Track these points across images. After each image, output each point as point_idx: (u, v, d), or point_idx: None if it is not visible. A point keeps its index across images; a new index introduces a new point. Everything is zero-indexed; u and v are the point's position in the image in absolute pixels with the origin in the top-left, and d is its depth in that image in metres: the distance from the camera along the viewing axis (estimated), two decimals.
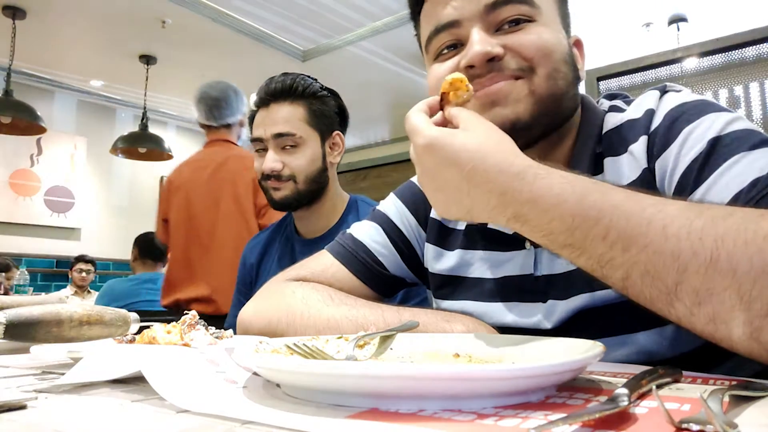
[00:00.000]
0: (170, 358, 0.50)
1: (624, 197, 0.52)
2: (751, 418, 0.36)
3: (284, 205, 1.47)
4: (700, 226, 0.47)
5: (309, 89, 1.47)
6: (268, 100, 1.46)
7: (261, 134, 1.45)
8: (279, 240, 1.61)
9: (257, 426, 0.36)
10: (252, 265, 1.62)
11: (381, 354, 0.61)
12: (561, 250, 0.55)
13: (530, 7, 0.71)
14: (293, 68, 5.40)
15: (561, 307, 0.74)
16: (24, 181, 5.45)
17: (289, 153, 1.44)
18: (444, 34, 0.74)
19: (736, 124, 0.64)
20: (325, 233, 1.49)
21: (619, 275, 0.51)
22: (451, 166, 0.57)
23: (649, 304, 0.51)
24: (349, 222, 1.46)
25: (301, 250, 1.51)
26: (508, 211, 0.56)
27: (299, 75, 1.48)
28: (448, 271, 0.88)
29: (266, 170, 1.43)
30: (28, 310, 0.69)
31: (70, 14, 4.26)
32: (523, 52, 0.70)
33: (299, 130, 1.44)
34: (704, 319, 0.47)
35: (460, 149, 0.57)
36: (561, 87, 0.71)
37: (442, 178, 0.59)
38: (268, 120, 1.44)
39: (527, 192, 0.54)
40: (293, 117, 1.44)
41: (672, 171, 0.66)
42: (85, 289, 4.95)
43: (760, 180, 0.57)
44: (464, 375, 0.37)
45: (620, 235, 0.50)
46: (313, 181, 1.46)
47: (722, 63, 2.54)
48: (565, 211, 0.53)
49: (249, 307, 0.92)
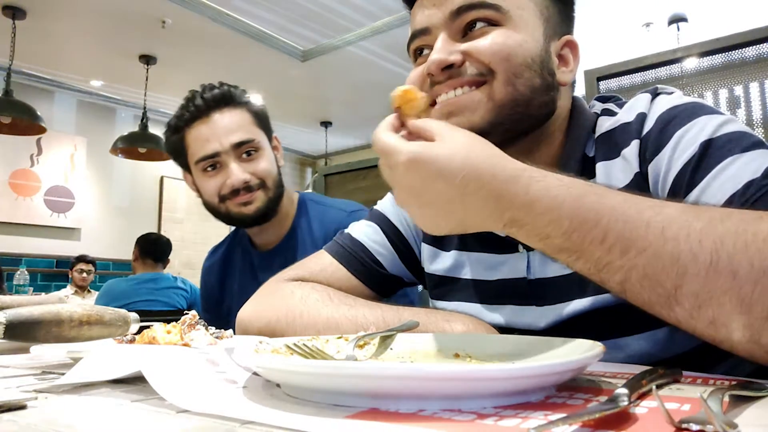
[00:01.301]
0: (170, 358, 0.50)
1: (621, 200, 0.52)
2: (751, 418, 0.36)
3: (258, 218, 1.34)
4: (698, 228, 0.47)
5: (242, 94, 1.37)
6: (207, 110, 1.30)
7: (216, 148, 1.29)
8: (236, 257, 1.51)
9: (257, 426, 0.36)
10: (213, 286, 1.53)
11: (381, 354, 0.61)
12: (558, 254, 0.55)
13: (495, 12, 0.70)
14: (293, 68, 5.43)
15: (554, 310, 0.74)
16: (24, 181, 5.45)
17: (249, 161, 1.32)
18: (417, 40, 0.76)
19: (729, 127, 0.63)
20: (281, 242, 1.41)
21: (617, 279, 0.51)
22: (439, 179, 0.54)
23: (648, 308, 0.51)
24: (302, 227, 1.40)
25: (260, 265, 1.43)
26: (504, 216, 0.55)
27: (221, 83, 1.35)
28: (443, 271, 0.88)
29: (237, 184, 1.28)
30: (28, 310, 0.69)
31: (69, 14, 4.26)
32: (479, 57, 0.69)
33: (255, 135, 1.33)
34: (704, 323, 0.47)
35: (446, 160, 0.54)
36: (522, 92, 0.70)
37: (431, 193, 0.56)
38: (218, 130, 1.29)
39: (523, 195, 0.53)
40: (245, 122, 1.33)
41: (665, 175, 0.66)
42: (85, 289, 4.95)
43: (753, 182, 0.57)
44: (464, 375, 0.37)
45: (618, 238, 0.50)
46: (280, 185, 1.37)
47: (722, 63, 2.53)
48: (562, 214, 0.52)
49: (248, 308, 0.92)
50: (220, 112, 1.31)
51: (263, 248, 1.45)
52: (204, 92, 1.32)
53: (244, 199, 1.30)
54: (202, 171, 1.33)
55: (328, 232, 1.36)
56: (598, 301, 0.70)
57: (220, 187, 1.31)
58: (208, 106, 1.31)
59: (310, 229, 1.40)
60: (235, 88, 1.36)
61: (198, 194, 1.40)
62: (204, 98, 1.31)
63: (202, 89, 1.34)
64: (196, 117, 1.31)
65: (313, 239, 1.38)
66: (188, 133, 1.33)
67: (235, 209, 1.32)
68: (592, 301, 0.70)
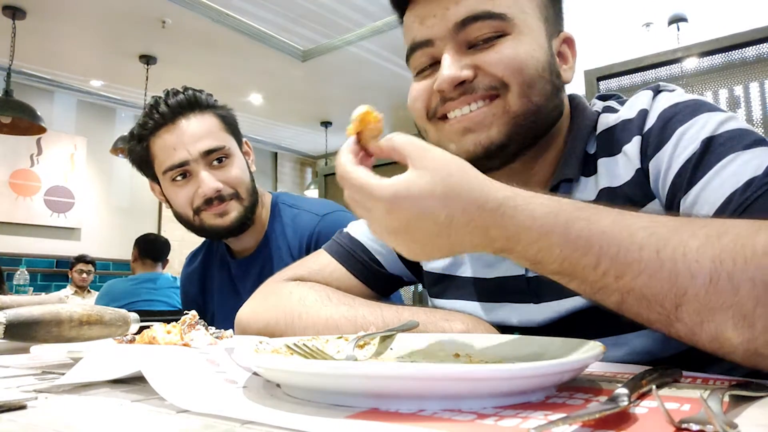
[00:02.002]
0: (170, 358, 0.50)
1: (611, 222, 0.50)
2: (751, 418, 0.36)
3: (234, 229, 1.27)
4: (695, 247, 0.46)
5: (209, 98, 1.29)
6: (173, 116, 1.23)
7: (184, 157, 1.21)
8: (214, 265, 1.46)
9: (257, 426, 0.36)
10: (195, 294, 1.49)
11: (381, 354, 0.61)
12: (552, 276, 0.54)
13: (502, 21, 0.69)
14: (293, 68, 5.43)
15: (553, 308, 0.74)
16: (24, 181, 5.45)
17: (220, 169, 1.25)
18: (419, 53, 0.74)
19: (730, 124, 0.63)
20: (257, 249, 1.37)
21: (614, 299, 0.50)
22: (423, 219, 0.51)
23: (648, 324, 0.50)
24: (276, 232, 1.36)
25: (237, 273, 1.40)
26: (495, 245, 0.53)
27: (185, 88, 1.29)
28: (441, 269, 0.88)
29: (209, 192, 1.22)
30: (28, 310, 0.69)
31: (70, 14, 4.26)
32: (492, 71, 0.69)
33: (225, 141, 1.26)
34: (707, 338, 0.47)
35: (427, 198, 0.50)
36: (536, 102, 0.70)
37: (416, 232, 0.52)
38: (185, 138, 1.22)
39: (511, 227, 0.51)
40: (213, 128, 1.25)
41: (666, 171, 0.66)
42: (85, 289, 4.95)
43: (754, 180, 0.57)
44: (464, 375, 0.37)
45: (612, 263, 0.49)
46: (254, 193, 1.30)
47: (722, 63, 2.53)
48: (552, 243, 0.50)
49: (246, 308, 0.91)
50: (186, 119, 1.24)
51: (240, 255, 1.41)
52: (168, 98, 1.25)
53: (219, 210, 1.24)
54: (171, 181, 1.26)
55: (302, 238, 1.32)
56: None
57: (192, 198, 1.24)
58: (174, 113, 1.23)
59: (284, 236, 1.36)
60: (201, 92, 1.29)
61: (167, 205, 1.34)
62: (168, 104, 1.23)
63: (165, 95, 1.26)
64: (161, 125, 1.24)
65: (288, 246, 1.34)
66: (153, 141, 1.25)
67: (209, 221, 1.25)
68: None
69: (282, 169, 8.09)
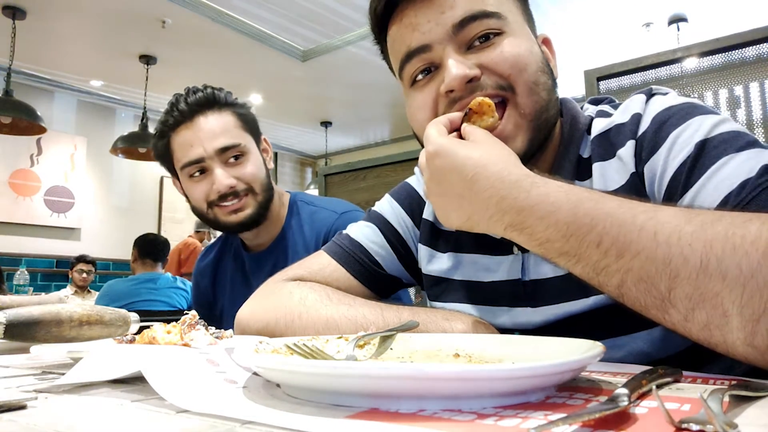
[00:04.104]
0: (170, 358, 0.50)
1: (616, 205, 0.53)
2: (751, 418, 0.36)
3: (248, 224, 1.31)
4: (689, 231, 0.48)
5: (228, 96, 1.32)
6: (191, 114, 1.27)
7: (200, 153, 1.26)
8: (228, 258, 1.49)
9: (257, 426, 0.36)
10: (206, 287, 1.52)
11: (381, 354, 0.61)
12: (558, 259, 0.56)
13: (497, 20, 0.70)
14: (293, 68, 5.43)
15: (549, 311, 0.74)
16: (24, 181, 5.46)
17: (235, 166, 1.28)
18: (416, 60, 0.73)
19: (724, 126, 0.64)
20: (273, 243, 1.40)
21: (614, 282, 0.52)
22: (454, 172, 0.61)
23: (645, 311, 0.52)
24: (293, 229, 1.39)
25: (251, 267, 1.42)
26: (505, 218, 0.58)
27: (205, 86, 1.32)
28: (439, 272, 0.88)
29: (223, 189, 1.25)
30: (28, 310, 0.69)
31: (70, 14, 4.26)
32: (498, 70, 0.69)
33: (241, 139, 1.29)
34: (698, 326, 0.48)
35: (464, 157, 0.60)
36: (544, 98, 0.72)
37: (446, 184, 0.62)
38: (202, 135, 1.26)
39: (524, 200, 0.56)
40: (230, 126, 1.29)
41: (661, 175, 0.66)
42: (85, 289, 4.95)
43: (748, 182, 0.57)
44: (464, 375, 0.37)
45: (613, 242, 0.51)
46: (268, 189, 1.34)
47: (722, 63, 2.53)
48: (560, 219, 0.54)
49: (246, 309, 0.91)
50: (204, 116, 1.27)
51: (254, 250, 1.43)
52: (188, 96, 1.29)
53: (234, 207, 1.28)
54: (188, 177, 1.30)
55: (319, 234, 1.35)
56: (593, 302, 0.70)
57: (208, 193, 1.28)
58: (192, 110, 1.27)
59: (301, 231, 1.39)
60: (220, 91, 1.32)
61: (186, 199, 1.38)
62: (188, 102, 1.28)
63: (186, 92, 1.30)
64: (180, 122, 1.28)
65: (304, 241, 1.36)
66: (173, 138, 1.30)
67: (223, 217, 1.29)
68: (586, 302, 0.70)
69: (282, 168, 8.10)
